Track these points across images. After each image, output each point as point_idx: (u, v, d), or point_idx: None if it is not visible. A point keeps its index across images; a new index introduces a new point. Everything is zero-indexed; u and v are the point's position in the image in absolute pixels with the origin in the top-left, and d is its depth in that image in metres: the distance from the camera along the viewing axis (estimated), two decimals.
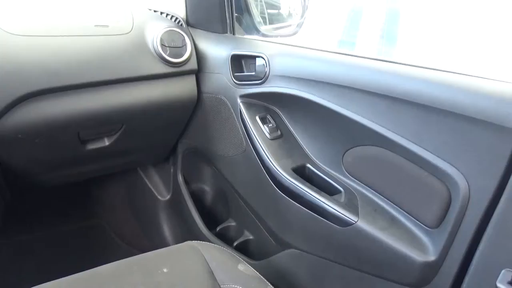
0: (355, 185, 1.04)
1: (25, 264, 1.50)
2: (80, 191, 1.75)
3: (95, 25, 1.19)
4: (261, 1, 1.59)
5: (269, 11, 1.63)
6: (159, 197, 1.64)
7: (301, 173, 1.11)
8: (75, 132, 1.16)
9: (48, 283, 0.88)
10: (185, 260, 0.98)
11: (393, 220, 0.95)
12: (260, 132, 1.16)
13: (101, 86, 1.14)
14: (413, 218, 0.92)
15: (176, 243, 1.42)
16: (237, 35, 1.34)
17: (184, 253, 1.00)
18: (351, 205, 0.99)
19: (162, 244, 1.62)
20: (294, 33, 1.46)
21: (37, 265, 1.55)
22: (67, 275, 0.91)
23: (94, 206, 1.79)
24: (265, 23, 1.51)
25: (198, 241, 1.05)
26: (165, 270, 0.94)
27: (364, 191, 1.02)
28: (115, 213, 1.79)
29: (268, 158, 1.12)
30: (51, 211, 1.69)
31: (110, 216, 1.79)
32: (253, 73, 1.17)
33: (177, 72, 1.25)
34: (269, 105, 1.20)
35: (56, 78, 1.06)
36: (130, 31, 1.22)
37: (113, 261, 0.95)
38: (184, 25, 1.34)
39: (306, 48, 1.13)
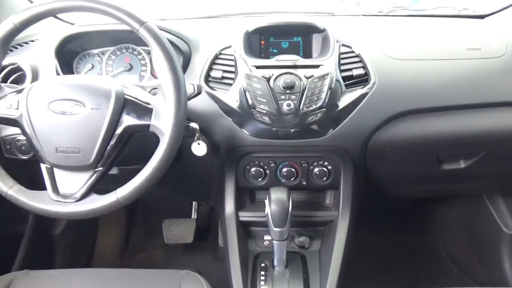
0: None
1: (362, 260, 1.65)
2: (419, 206, 1.81)
3: (468, 49, 1.20)
4: None
5: None
6: (504, 229, 1.52)
7: None
8: (434, 152, 1.20)
9: None
10: None
11: None
12: None
13: (468, 109, 1.14)
14: None
15: None
16: None
17: None
18: None
19: (502, 280, 1.50)
20: None
21: (371, 263, 1.69)
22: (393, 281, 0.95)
23: (429, 224, 1.82)
24: None
25: None
26: None
27: None
28: (450, 235, 1.77)
29: None
30: (392, 219, 1.80)
31: (444, 237, 1.78)
32: None
33: None
34: None
35: (426, 99, 1.13)
36: (504, 54, 1.18)
37: (441, 282, 0.95)
38: None
39: None
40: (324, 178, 1.17)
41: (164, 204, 1.91)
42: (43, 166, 0.95)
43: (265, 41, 1.21)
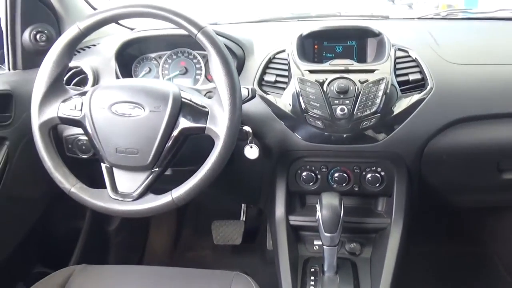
0: None
1: (415, 269, 1.60)
2: (475, 215, 1.74)
3: None
4: None
5: None
6: None
7: None
8: (495, 160, 1.15)
9: None
10: None
11: None
12: None
13: None
14: None
15: None
16: None
17: None
18: None
19: None
20: None
21: (423, 273, 1.64)
22: None
23: (486, 234, 1.74)
24: None
25: None
26: None
27: None
28: (508, 246, 1.69)
29: None
30: (446, 229, 1.74)
31: (502, 248, 1.70)
32: None
33: None
34: None
35: (487, 105, 1.09)
36: None
37: None
38: None
39: None
40: (377, 185, 1.15)
41: (214, 205, 1.94)
42: (103, 166, 0.99)
43: (318, 45, 1.21)
